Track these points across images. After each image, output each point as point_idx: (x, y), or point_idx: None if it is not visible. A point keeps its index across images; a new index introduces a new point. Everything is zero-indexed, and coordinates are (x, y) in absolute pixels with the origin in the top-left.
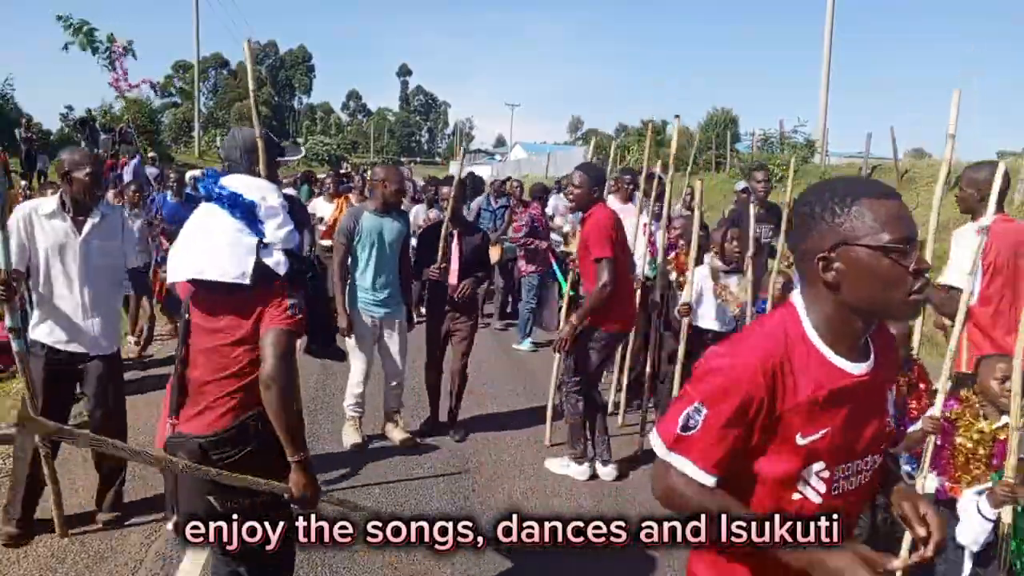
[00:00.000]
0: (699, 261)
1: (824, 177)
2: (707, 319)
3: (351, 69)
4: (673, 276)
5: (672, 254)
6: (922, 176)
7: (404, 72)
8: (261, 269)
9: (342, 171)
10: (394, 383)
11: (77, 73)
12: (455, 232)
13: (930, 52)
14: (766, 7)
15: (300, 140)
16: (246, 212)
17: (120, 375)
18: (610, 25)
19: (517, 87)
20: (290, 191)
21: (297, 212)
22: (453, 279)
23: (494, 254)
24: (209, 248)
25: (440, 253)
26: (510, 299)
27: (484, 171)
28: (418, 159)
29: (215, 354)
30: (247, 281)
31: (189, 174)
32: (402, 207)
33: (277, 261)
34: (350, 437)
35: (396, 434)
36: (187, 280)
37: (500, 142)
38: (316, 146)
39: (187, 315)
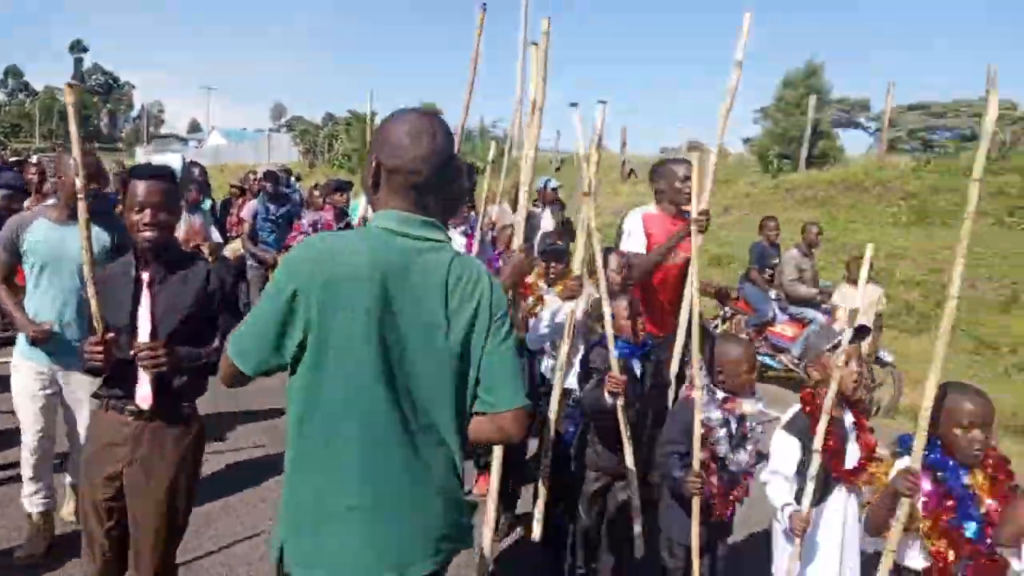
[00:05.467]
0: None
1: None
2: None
3: (7, 43)
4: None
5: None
6: None
7: (78, 48)
8: None
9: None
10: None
11: None
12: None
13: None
14: None
15: None
16: None
17: None
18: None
19: (213, 71)
20: None
21: None
22: None
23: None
24: None
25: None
26: None
27: (175, 159)
28: (98, 144)
29: None
30: None
31: None
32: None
33: None
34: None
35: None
36: None
37: (195, 127)
38: None
39: None
